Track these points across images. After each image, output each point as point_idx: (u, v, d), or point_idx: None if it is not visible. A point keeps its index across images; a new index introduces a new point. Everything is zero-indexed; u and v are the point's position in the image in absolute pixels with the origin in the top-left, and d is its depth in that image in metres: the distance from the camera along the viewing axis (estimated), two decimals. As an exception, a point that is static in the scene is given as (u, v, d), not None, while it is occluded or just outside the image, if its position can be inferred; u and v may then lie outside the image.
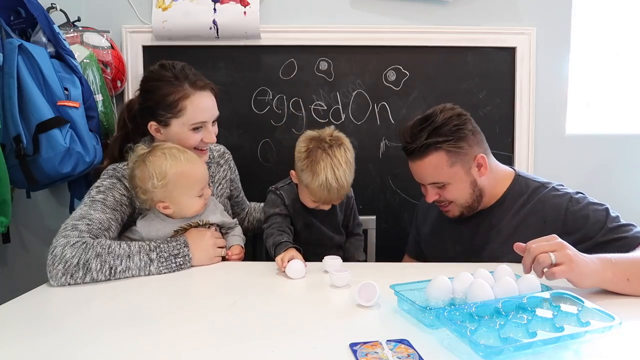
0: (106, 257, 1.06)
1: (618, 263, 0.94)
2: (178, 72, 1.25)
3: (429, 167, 1.24)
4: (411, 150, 1.25)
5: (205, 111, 1.26)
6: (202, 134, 1.28)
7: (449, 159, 1.22)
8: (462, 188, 1.26)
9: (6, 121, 1.40)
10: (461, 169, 1.24)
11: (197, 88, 1.24)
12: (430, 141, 1.21)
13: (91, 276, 1.05)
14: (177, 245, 1.14)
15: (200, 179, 1.22)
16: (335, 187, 1.22)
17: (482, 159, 1.26)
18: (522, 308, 0.80)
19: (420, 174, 1.27)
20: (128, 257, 1.08)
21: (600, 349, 0.72)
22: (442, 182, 1.25)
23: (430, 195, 1.28)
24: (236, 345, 0.75)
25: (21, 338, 0.78)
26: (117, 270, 1.07)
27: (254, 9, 1.83)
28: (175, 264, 1.12)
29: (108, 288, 1.03)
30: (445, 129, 1.22)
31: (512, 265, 0.95)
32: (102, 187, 1.21)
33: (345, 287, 1.02)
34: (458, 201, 1.27)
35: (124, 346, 0.75)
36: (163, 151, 1.19)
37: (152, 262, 1.10)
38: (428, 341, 0.75)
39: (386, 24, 1.91)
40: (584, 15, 1.98)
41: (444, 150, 1.22)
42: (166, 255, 1.12)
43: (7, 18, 1.49)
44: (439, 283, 0.86)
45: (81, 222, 1.12)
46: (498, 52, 1.93)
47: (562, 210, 1.19)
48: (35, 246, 1.96)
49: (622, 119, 2.07)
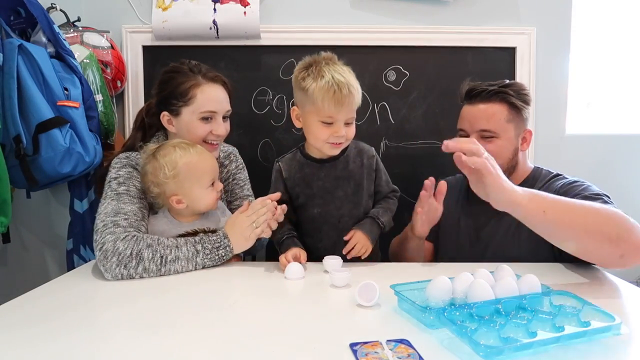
0: (157, 247, 1.11)
1: (540, 196, 0.98)
2: (192, 66, 1.31)
3: (489, 112, 1.26)
4: (477, 92, 1.28)
5: (214, 101, 1.29)
6: (212, 126, 1.29)
7: (509, 114, 1.26)
8: (506, 147, 1.28)
9: (6, 121, 1.40)
10: (513, 130, 1.27)
11: (209, 79, 1.29)
12: (502, 89, 1.26)
13: (143, 265, 1.08)
14: (218, 239, 1.16)
15: (210, 169, 1.24)
16: (345, 84, 1.12)
17: (529, 135, 1.32)
18: (522, 308, 0.80)
19: (476, 118, 1.28)
20: (177, 247, 1.12)
21: (601, 349, 0.72)
22: (493, 132, 1.26)
23: None
24: (236, 345, 0.75)
25: (21, 338, 0.78)
26: (167, 260, 1.10)
27: (254, 9, 1.83)
28: (218, 256, 1.15)
29: (108, 289, 1.03)
30: (516, 88, 1.29)
31: (513, 265, 0.95)
32: (121, 178, 1.22)
33: (345, 287, 1.02)
34: (497, 160, 1.26)
35: (123, 346, 0.75)
36: (173, 145, 1.23)
37: (198, 253, 1.13)
38: (428, 341, 0.75)
39: (386, 24, 1.91)
40: (584, 15, 1.98)
41: (508, 103, 1.26)
42: (210, 247, 1.15)
43: (7, 18, 1.49)
44: (439, 283, 0.86)
45: (118, 217, 1.14)
46: (498, 52, 1.93)
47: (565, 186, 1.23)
48: (35, 246, 1.96)
49: (622, 119, 2.07)
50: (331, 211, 1.25)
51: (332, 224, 1.25)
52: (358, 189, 1.25)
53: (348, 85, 1.13)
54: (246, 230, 1.17)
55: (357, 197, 1.25)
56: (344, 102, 1.13)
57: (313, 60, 1.19)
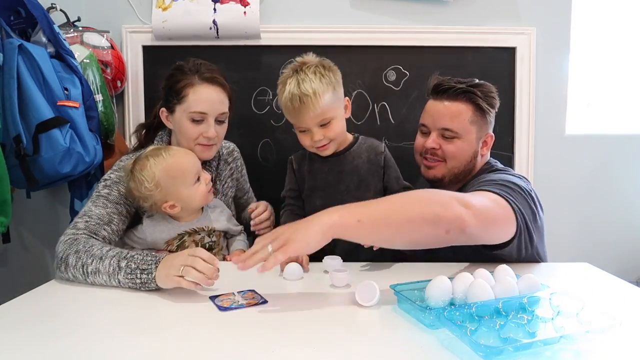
0: (82, 254, 1.05)
1: (352, 207, 0.94)
2: (192, 65, 1.30)
3: (453, 111, 1.24)
4: (445, 89, 1.25)
5: (205, 102, 1.27)
6: (202, 128, 1.27)
7: (473, 115, 1.24)
8: (465, 150, 1.26)
9: (6, 121, 1.40)
10: (474, 133, 1.25)
11: (204, 79, 1.27)
12: (470, 89, 1.24)
13: (70, 272, 1.05)
14: (150, 260, 1.00)
15: (189, 166, 1.22)
16: (297, 95, 1.15)
17: (490, 139, 1.30)
18: (522, 308, 0.80)
19: (440, 115, 1.25)
20: (100, 259, 1.03)
21: (600, 349, 0.72)
22: (455, 132, 1.24)
23: (432, 141, 1.26)
24: (236, 345, 0.75)
25: (21, 338, 0.78)
26: (88, 270, 1.02)
27: (254, 9, 1.83)
28: (140, 280, 0.98)
29: (109, 290, 1.03)
30: (484, 89, 1.26)
31: (512, 265, 0.95)
32: (108, 181, 1.24)
33: (345, 287, 1.02)
34: (452, 162, 1.26)
35: (123, 346, 0.75)
36: (146, 155, 1.22)
37: (120, 270, 1.00)
38: (428, 341, 0.75)
39: (386, 24, 1.91)
40: (584, 15, 1.98)
41: (474, 104, 1.24)
42: (133, 267, 1.00)
43: (7, 18, 1.49)
44: (439, 283, 0.86)
45: (81, 219, 1.16)
46: (498, 52, 1.93)
47: (479, 180, 1.19)
48: (35, 246, 1.96)
49: (622, 119, 2.07)
50: (333, 204, 1.23)
51: None
52: (361, 184, 1.27)
53: (301, 96, 1.15)
54: (172, 269, 0.96)
55: (360, 192, 1.26)
56: (300, 113, 1.17)
57: (288, 70, 1.22)
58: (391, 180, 1.30)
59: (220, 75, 1.32)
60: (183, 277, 0.93)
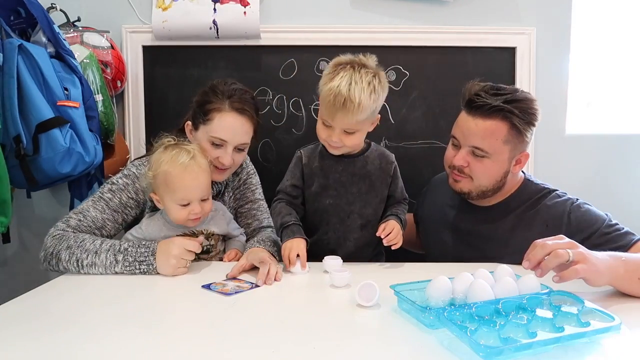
0: (75, 249, 1.12)
1: (629, 261, 0.94)
2: (226, 89, 1.28)
3: (486, 130, 1.16)
4: (480, 105, 1.16)
5: (228, 130, 1.25)
6: (220, 153, 1.26)
7: (507, 135, 1.16)
8: (495, 170, 1.20)
9: (6, 121, 1.40)
10: (507, 152, 1.18)
11: (233, 108, 1.26)
12: (506, 107, 1.14)
13: (63, 265, 1.12)
14: (145, 252, 1.11)
15: (185, 188, 1.16)
16: (343, 97, 1.12)
17: (526, 158, 1.23)
18: (522, 308, 0.80)
19: (471, 133, 1.18)
20: (95, 254, 1.11)
21: (600, 349, 0.72)
22: (485, 152, 1.17)
23: (461, 158, 1.21)
24: (236, 345, 0.75)
25: (21, 338, 0.78)
26: (83, 264, 1.10)
27: (254, 9, 1.83)
28: (139, 270, 1.10)
29: (109, 289, 1.03)
30: (522, 105, 1.16)
31: (512, 265, 0.95)
32: (114, 186, 1.25)
33: (345, 287, 1.02)
34: (480, 180, 1.21)
35: (123, 346, 0.75)
36: (174, 147, 1.21)
37: (118, 263, 1.10)
38: (428, 341, 0.75)
39: (386, 24, 1.91)
40: (584, 15, 1.98)
41: (509, 123, 1.15)
42: (131, 260, 1.10)
43: (7, 18, 1.49)
44: (439, 283, 0.86)
45: (76, 216, 1.20)
46: (498, 52, 1.93)
47: (565, 213, 1.18)
48: (35, 246, 1.95)
49: (622, 119, 2.07)
50: (342, 205, 1.28)
51: (341, 218, 1.28)
52: (371, 189, 1.28)
53: (346, 99, 1.12)
54: (173, 260, 1.09)
55: (369, 197, 1.28)
56: (335, 112, 1.15)
57: (346, 60, 1.20)
58: (397, 190, 1.32)
59: (251, 106, 1.29)
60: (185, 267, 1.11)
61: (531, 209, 1.24)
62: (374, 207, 1.29)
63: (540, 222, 1.21)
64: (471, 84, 1.22)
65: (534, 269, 0.90)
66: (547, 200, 1.23)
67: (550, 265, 0.87)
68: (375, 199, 1.29)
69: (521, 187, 1.28)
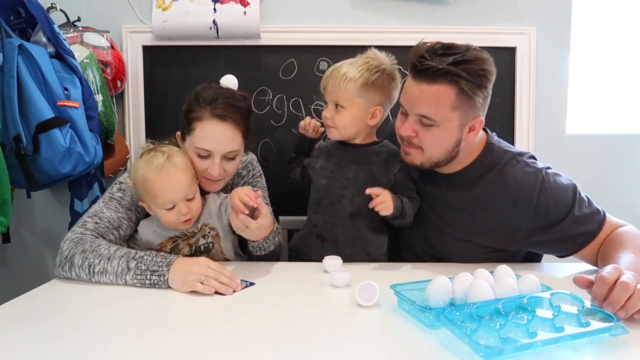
0: (89, 254, 1.06)
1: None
2: (209, 95, 1.19)
3: (432, 96, 1.06)
4: (424, 68, 1.06)
5: (210, 140, 1.18)
6: (208, 164, 1.20)
7: (456, 100, 1.06)
8: (445, 139, 1.11)
9: (6, 121, 1.40)
10: (457, 119, 1.09)
11: (214, 116, 1.17)
12: (452, 69, 1.03)
13: (75, 271, 1.06)
14: (160, 262, 1.04)
15: (164, 191, 1.12)
16: (335, 70, 1.22)
17: (479, 124, 1.12)
18: (522, 308, 0.80)
19: (416, 99, 1.09)
20: (108, 260, 1.05)
21: (600, 349, 0.72)
22: (433, 120, 1.08)
23: (408, 127, 1.12)
24: (236, 345, 0.75)
25: (21, 338, 0.78)
26: (94, 270, 1.05)
27: (254, 9, 1.83)
28: (149, 281, 1.03)
29: (109, 289, 1.03)
30: (471, 67, 1.05)
31: (512, 265, 0.95)
32: (123, 185, 1.23)
33: (345, 287, 1.02)
34: (430, 152, 1.13)
35: (123, 346, 0.75)
36: (150, 152, 1.17)
37: (129, 270, 1.03)
38: (428, 341, 0.75)
39: (386, 24, 1.91)
40: (584, 15, 1.97)
41: (457, 87, 1.05)
42: (143, 268, 1.03)
43: (7, 18, 1.49)
44: (439, 283, 0.86)
45: (91, 219, 1.16)
46: (498, 52, 1.92)
47: (536, 191, 1.11)
48: (35, 246, 1.96)
49: (622, 119, 2.07)
50: (335, 188, 1.27)
51: (332, 200, 1.27)
52: (369, 178, 1.25)
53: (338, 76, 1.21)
54: (191, 275, 1.00)
55: (365, 186, 1.21)
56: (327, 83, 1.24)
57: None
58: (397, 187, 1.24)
59: (236, 111, 1.20)
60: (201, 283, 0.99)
61: (497, 178, 1.16)
62: (367, 197, 1.21)
63: (508, 196, 1.13)
64: (418, 44, 1.12)
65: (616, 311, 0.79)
66: (515, 169, 1.15)
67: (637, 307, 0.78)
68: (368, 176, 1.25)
69: (483, 153, 1.19)
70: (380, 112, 1.25)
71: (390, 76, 1.23)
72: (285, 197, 1.88)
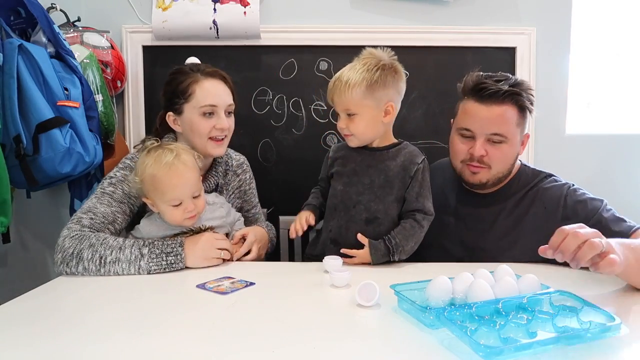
0: (98, 247, 1.10)
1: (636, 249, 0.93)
2: (193, 66, 1.34)
3: (502, 115, 1.20)
4: (492, 93, 1.19)
5: (214, 95, 1.30)
6: (214, 121, 1.30)
7: (518, 117, 1.21)
8: (510, 153, 1.24)
9: (6, 121, 1.40)
10: (518, 135, 1.23)
11: (206, 74, 1.31)
12: (515, 90, 1.19)
13: (83, 265, 1.09)
14: (172, 244, 1.13)
15: (174, 188, 1.15)
16: (337, 80, 1.22)
17: (527, 139, 1.27)
18: (522, 308, 0.80)
19: (488, 120, 1.20)
20: (119, 249, 1.10)
21: (601, 349, 0.72)
22: (504, 137, 1.20)
23: (480, 147, 1.21)
24: (236, 345, 0.75)
25: (21, 338, 0.78)
26: (106, 261, 1.09)
27: (254, 9, 1.83)
28: (166, 262, 1.10)
29: (109, 289, 1.03)
30: (525, 87, 1.22)
31: (512, 265, 0.95)
32: (114, 179, 1.25)
33: (345, 287, 1.02)
34: (498, 167, 1.24)
35: (124, 346, 0.75)
36: (157, 150, 1.19)
37: (143, 256, 1.10)
38: (428, 341, 0.75)
39: (386, 24, 1.91)
40: (584, 15, 1.98)
41: (518, 105, 1.20)
42: (158, 252, 1.11)
43: (7, 18, 1.49)
44: (439, 283, 0.86)
45: (86, 215, 1.18)
46: (498, 52, 1.93)
47: (562, 196, 1.22)
48: (35, 246, 1.96)
49: (622, 119, 2.07)
50: (351, 193, 1.26)
51: (347, 206, 1.26)
52: (386, 184, 1.24)
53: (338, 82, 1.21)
54: (210, 251, 1.16)
55: (382, 192, 1.23)
56: (333, 92, 1.23)
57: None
58: (412, 193, 1.23)
59: (218, 71, 1.35)
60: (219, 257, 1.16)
61: (530, 192, 1.27)
62: (385, 204, 1.23)
63: (538, 204, 1.25)
64: (470, 75, 1.27)
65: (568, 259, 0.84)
66: (545, 183, 1.27)
67: (586, 256, 0.82)
68: (389, 196, 1.23)
69: (519, 172, 1.32)
70: (392, 107, 1.24)
71: (392, 69, 1.23)
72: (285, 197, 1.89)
